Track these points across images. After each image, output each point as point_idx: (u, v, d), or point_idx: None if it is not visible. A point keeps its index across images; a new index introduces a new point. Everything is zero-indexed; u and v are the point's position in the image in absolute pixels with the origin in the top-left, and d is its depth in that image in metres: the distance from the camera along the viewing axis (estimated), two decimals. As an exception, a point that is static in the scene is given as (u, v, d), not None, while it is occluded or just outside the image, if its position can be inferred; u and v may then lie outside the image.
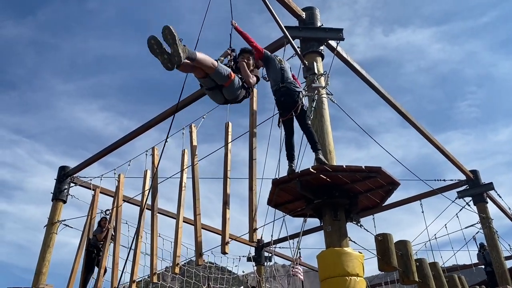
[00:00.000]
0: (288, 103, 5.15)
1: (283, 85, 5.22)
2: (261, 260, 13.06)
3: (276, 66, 5.41)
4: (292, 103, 5.12)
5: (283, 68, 5.37)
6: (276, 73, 5.35)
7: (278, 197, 5.29)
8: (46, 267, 8.41)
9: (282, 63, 5.46)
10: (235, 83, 4.70)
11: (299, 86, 5.39)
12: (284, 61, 5.56)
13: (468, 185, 10.18)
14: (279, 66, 5.39)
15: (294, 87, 5.26)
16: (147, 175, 8.09)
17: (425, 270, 6.08)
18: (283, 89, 5.21)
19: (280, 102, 5.26)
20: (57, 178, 9.47)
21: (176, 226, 6.79)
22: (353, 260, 4.41)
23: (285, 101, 5.19)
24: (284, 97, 5.21)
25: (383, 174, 4.72)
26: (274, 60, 5.48)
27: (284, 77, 5.30)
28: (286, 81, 5.26)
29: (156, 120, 8.33)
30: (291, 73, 5.56)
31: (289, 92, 5.19)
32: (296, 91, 5.21)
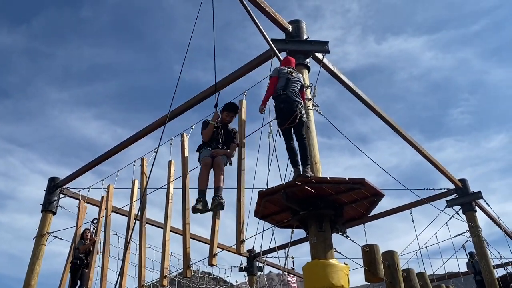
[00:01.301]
0: (287, 110, 5.17)
1: (284, 92, 5.25)
2: (253, 270, 13.03)
3: (283, 76, 5.46)
4: (291, 111, 5.14)
5: (289, 79, 5.40)
6: (281, 82, 5.40)
7: (264, 208, 5.32)
8: (34, 280, 8.35)
9: (291, 74, 5.49)
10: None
11: (300, 98, 5.37)
12: (296, 74, 5.56)
13: (457, 194, 10.27)
14: (286, 76, 5.44)
15: (295, 96, 5.27)
16: (135, 185, 8.07)
17: (412, 281, 6.11)
18: (283, 96, 5.24)
19: (279, 108, 5.27)
20: (46, 189, 9.43)
21: (164, 238, 6.78)
22: (338, 271, 4.44)
23: (284, 108, 5.21)
24: (283, 104, 5.23)
25: (367, 186, 4.77)
26: (283, 74, 5.54)
27: (288, 85, 5.33)
28: (288, 90, 5.28)
29: (147, 130, 8.34)
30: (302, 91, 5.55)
31: (288, 100, 5.21)
32: (296, 100, 5.22)
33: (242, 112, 6.74)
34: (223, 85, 6.99)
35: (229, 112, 6.20)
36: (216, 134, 6.11)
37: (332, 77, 6.90)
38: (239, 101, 6.72)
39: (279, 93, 5.29)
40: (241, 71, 6.91)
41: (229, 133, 6.15)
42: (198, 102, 7.51)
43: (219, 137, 6.11)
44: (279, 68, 5.63)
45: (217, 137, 6.11)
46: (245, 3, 5.65)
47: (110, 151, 8.98)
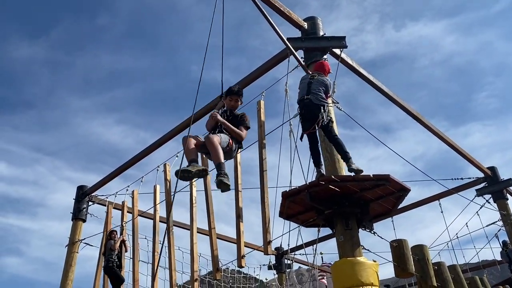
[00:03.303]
0: (308, 115, 5.13)
1: (307, 97, 5.19)
2: (282, 268, 13.05)
3: (305, 82, 5.43)
4: (313, 116, 5.07)
5: (311, 82, 5.33)
6: (303, 88, 5.37)
7: (289, 209, 5.31)
8: (69, 286, 8.58)
9: (314, 77, 5.40)
10: (233, 149, 5.25)
11: (324, 100, 5.25)
12: (320, 77, 5.44)
13: (486, 182, 10.02)
14: (307, 81, 5.38)
15: (317, 100, 5.15)
16: (157, 190, 8.17)
17: (444, 274, 5.99)
18: (306, 101, 5.18)
19: (301, 114, 5.27)
20: (75, 198, 9.67)
21: (191, 242, 6.86)
22: (367, 269, 4.40)
23: (305, 113, 5.18)
24: (304, 109, 5.20)
25: (392, 182, 4.70)
26: (304, 79, 5.54)
27: (310, 89, 5.26)
28: (312, 93, 5.20)
29: (172, 133, 8.43)
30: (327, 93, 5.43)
31: (311, 104, 5.14)
32: (318, 104, 5.12)
33: (261, 113, 6.73)
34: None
35: (232, 96, 5.52)
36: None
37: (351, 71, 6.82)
38: (257, 102, 6.72)
39: (302, 98, 5.25)
40: (257, 72, 6.91)
41: (236, 118, 5.47)
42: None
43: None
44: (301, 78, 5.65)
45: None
46: (259, 3, 5.63)
47: (136, 157, 9.12)
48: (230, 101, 5.50)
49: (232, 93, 5.50)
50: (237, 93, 5.53)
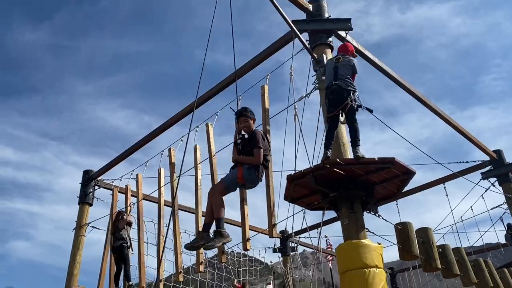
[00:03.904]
0: (337, 100, 5.10)
1: (336, 82, 5.15)
2: (287, 251, 13.16)
3: (330, 66, 5.38)
4: (341, 100, 5.05)
5: (337, 66, 5.29)
6: (330, 74, 5.32)
7: (294, 192, 5.34)
8: (77, 269, 8.71)
9: (339, 61, 5.36)
10: (246, 176, 5.07)
11: (353, 86, 5.21)
12: (345, 59, 5.39)
13: (492, 165, 9.98)
14: (333, 65, 5.34)
15: (346, 85, 5.13)
16: (162, 174, 8.22)
17: (448, 257, 6.02)
18: (334, 87, 5.14)
19: (329, 99, 5.22)
20: (81, 182, 9.75)
21: (196, 224, 6.92)
22: (372, 251, 4.42)
23: (334, 98, 5.13)
24: (333, 95, 5.16)
25: (397, 164, 4.69)
26: (329, 64, 5.49)
27: (338, 74, 5.21)
28: (339, 79, 5.17)
29: (176, 118, 8.42)
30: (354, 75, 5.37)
31: (339, 89, 5.10)
32: (348, 89, 5.09)
33: (264, 97, 6.71)
34: (244, 70, 6.96)
35: (239, 118, 5.45)
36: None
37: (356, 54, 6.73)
38: (261, 87, 6.69)
39: (330, 84, 5.20)
40: (262, 55, 6.86)
41: (250, 140, 5.29)
42: (221, 90, 7.53)
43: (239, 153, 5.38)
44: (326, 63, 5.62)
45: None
46: (263, -15, 5.55)
47: (141, 141, 9.14)
48: (240, 124, 5.45)
49: (238, 116, 5.46)
50: (241, 114, 5.44)
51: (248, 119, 5.40)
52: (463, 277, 6.23)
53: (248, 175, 5.04)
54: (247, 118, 5.40)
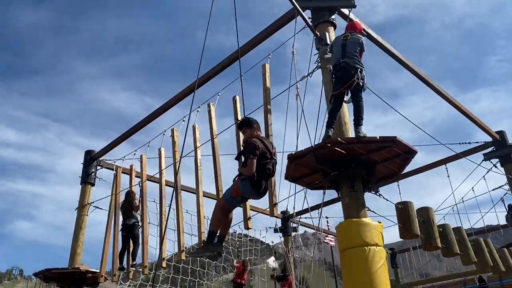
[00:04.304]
0: (344, 78, 5.03)
1: (343, 60, 5.08)
2: (288, 231, 13.27)
3: (338, 44, 5.29)
4: (348, 78, 4.99)
5: (345, 44, 5.21)
6: (338, 52, 5.24)
7: (295, 171, 5.33)
8: (80, 248, 8.80)
9: (348, 38, 5.28)
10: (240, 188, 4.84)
11: (361, 64, 5.15)
12: (353, 36, 5.32)
13: (494, 146, 9.94)
14: (341, 43, 5.25)
15: (354, 63, 5.07)
16: (162, 154, 8.22)
17: (449, 236, 6.05)
18: (342, 64, 5.07)
19: (336, 77, 5.15)
20: (83, 162, 9.77)
21: (197, 204, 6.96)
22: (372, 230, 4.44)
23: (341, 76, 5.06)
24: (340, 72, 5.08)
25: (398, 143, 4.67)
26: (336, 41, 5.40)
27: (346, 52, 5.14)
28: (347, 56, 5.10)
29: (176, 98, 8.38)
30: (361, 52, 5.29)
31: (347, 67, 5.04)
32: (355, 67, 5.03)
33: (266, 76, 6.65)
34: (246, 49, 6.88)
35: (240, 130, 5.40)
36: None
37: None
38: (262, 66, 6.63)
39: (338, 62, 5.12)
40: (264, 33, 6.77)
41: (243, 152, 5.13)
42: (222, 69, 7.47)
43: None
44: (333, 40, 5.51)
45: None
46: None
47: (142, 122, 9.13)
48: (243, 136, 5.32)
49: (241, 126, 5.32)
50: (239, 127, 5.37)
51: (247, 129, 5.17)
52: (463, 256, 6.26)
53: (243, 186, 4.82)
54: (246, 130, 5.19)
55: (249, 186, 4.78)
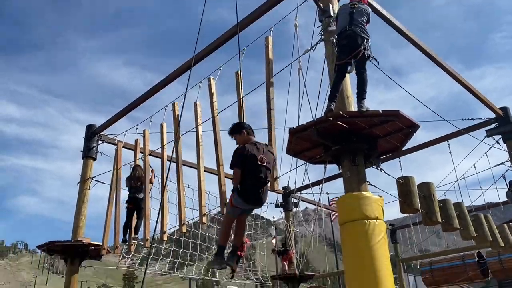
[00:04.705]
0: (350, 46, 4.89)
1: (350, 28, 4.93)
2: (289, 206, 13.36)
3: (345, 12, 5.15)
4: (354, 47, 4.86)
5: (353, 12, 5.07)
6: (344, 20, 5.09)
7: (296, 145, 5.31)
8: (82, 221, 8.89)
9: (355, 6, 5.14)
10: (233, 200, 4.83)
11: (367, 34, 5.02)
12: (360, 5, 5.19)
13: (497, 123, 9.87)
14: (348, 11, 5.11)
15: (361, 31, 4.93)
16: (164, 128, 8.20)
17: (449, 211, 6.06)
18: (349, 32, 4.92)
19: (342, 45, 4.98)
20: (85, 137, 9.76)
21: (199, 179, 6.98)
22: (372, 203, 4.44)
23: (347, 44, 4.91)
24: (347, 40, 4.93)
25: (401, 117, 4.62)
26: (343, 9, 5.26)
27: (353, 19, 4.99)
28: (354, 24, 4.95)
29: (175, 74, 8.31)
30: (368, 22, 5.18)
31: (354, 35, 4.89)
32: (362, 36, 4.90)
33: (268, 49, 6.57)
34: (246, 23, 6.76)
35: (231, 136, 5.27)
36: None
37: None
38: (265, 38, 6.53)
39: (344, 30, 4.98)
40: (265, 6, 6.64)
41: None
42: (221, 44, 7.36)
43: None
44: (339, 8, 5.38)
45: None
46: None
47: (142, 97, 9.08)
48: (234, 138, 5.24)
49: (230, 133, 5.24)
50: (230, 133, 5.24)
51: (237, 135, 5.10)
52: (462, 231, 6.30)
53: (234, 198, 4.78)
54: (236, 135, 5.12)
55: (237, 197, 4.74)
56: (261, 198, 4.81)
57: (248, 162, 4.72)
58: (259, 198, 4.79)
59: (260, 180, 4.76)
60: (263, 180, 4.81)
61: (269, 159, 4.93)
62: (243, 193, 4.73)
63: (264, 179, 4.81)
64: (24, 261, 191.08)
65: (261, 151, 4.86)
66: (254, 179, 4.73)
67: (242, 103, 6.52)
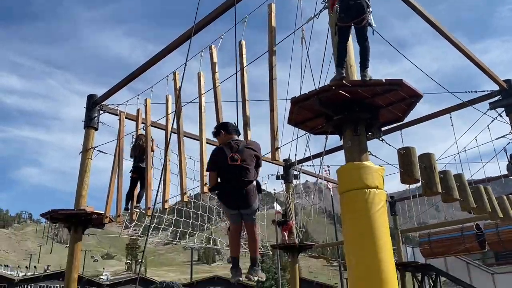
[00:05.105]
0: (355, 8, 4.72)
1: None
2: (289, 178, 13.44)
3: None
4: (360, 10, 4.71)
5: None
6: None
7: (298, 115, 5.29)
8: (85, 190, 8.95)
9: None
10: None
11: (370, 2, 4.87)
12: None
13: (501, 95, 9.79)
14: None
15: None
16: (169, 100, 8.20)
17: (449, 182, 6.11)
18: None
19: (348, 5, 4.78)
20: (86, 107, 9.73)
21: (201, 149, 6.99)
22: (373, 173, 4.46)
23: (353, 5, 4.73)
24: (354, 1, 4.74)
25: (404, 87, 4.58)
26: None
27: None
28: None
29: (175, 43, 8.20)
30: None
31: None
32: (367, 1, 4.76)
33: (271, 17, 6.46)
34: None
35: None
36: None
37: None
38: (268, 5, 6.41)
39: None
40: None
41: None
42: (223, 12, 7.22)
43: None
44: None
45: None
46: None
47: (143, 66, 8.99)
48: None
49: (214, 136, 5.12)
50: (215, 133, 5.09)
51: (218, 137, 4.96)
52: (462, 202, 6.35)
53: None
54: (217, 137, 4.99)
55: (219, 201, 4.61)
56: (244, 200, 4.44)
57: (219, 164, 4.52)
58: (240, 200, 4.44)
59: (232, 181, 4.43)
60: (238, 180, 4.41)
61: (245, 156, 4.51)
62: (220, 196, 4.57)
63: (239, 179, 4.41)
64: (29, 231, 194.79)
65: (235, 149, 4.53)
66: (226, 181, 4.49)
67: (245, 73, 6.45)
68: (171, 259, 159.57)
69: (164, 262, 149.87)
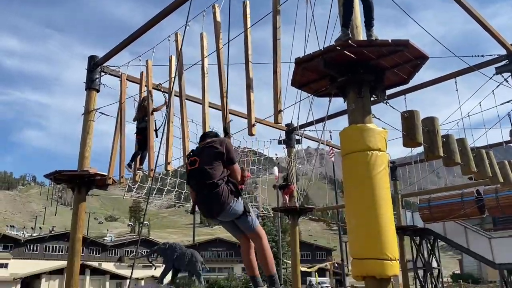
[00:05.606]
0: None
1: None
2: (291, 143, 13.45)
3: None
4: None
5: None
6: None
7: (302, 77, 5.22)
8: (88, 152, 8.98)
9: None
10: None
11: None
12: None
13: (508, 60, 9.62)
14: None
15: None
16: (172, 61, 8.09)
17: (451, 146, 6.11)
18: None
19: None
20: (87, 68, 9.62)
21: (203, 112, 6.96)
22: (376, 135, 4.44)
23: None
24: None
25: (410, 48, 4.49)
26: None
27: None
28: None
29: (176, 3, 8.01)
30: None
31: None
32: None
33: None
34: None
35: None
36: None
37: None
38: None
39: None
40: None
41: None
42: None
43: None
44: None
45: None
46: None
47: (144, 27, 8.82)
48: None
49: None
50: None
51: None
52: (463, 167, 6.39)
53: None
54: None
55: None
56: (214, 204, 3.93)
57: (188, 175, 4.22)
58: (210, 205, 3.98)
59: (196, 186, 4.09)
60: (200, 184, 4.00)
61: (204, 156, 4.08)
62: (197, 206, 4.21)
63: (200, 183, 4.00)
64: (33, 193, 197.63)
65: (194, 153, 4.23)
66: (195, 190, 4.13)
67: (249, 34, 6.33)
68: (174, 221, 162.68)
69: (167, 225, 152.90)
